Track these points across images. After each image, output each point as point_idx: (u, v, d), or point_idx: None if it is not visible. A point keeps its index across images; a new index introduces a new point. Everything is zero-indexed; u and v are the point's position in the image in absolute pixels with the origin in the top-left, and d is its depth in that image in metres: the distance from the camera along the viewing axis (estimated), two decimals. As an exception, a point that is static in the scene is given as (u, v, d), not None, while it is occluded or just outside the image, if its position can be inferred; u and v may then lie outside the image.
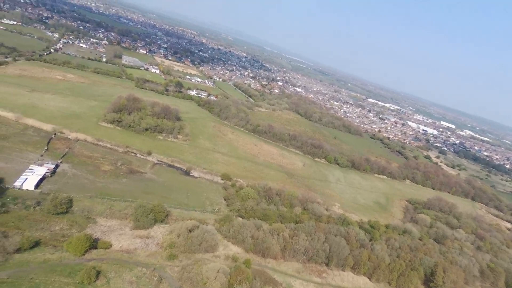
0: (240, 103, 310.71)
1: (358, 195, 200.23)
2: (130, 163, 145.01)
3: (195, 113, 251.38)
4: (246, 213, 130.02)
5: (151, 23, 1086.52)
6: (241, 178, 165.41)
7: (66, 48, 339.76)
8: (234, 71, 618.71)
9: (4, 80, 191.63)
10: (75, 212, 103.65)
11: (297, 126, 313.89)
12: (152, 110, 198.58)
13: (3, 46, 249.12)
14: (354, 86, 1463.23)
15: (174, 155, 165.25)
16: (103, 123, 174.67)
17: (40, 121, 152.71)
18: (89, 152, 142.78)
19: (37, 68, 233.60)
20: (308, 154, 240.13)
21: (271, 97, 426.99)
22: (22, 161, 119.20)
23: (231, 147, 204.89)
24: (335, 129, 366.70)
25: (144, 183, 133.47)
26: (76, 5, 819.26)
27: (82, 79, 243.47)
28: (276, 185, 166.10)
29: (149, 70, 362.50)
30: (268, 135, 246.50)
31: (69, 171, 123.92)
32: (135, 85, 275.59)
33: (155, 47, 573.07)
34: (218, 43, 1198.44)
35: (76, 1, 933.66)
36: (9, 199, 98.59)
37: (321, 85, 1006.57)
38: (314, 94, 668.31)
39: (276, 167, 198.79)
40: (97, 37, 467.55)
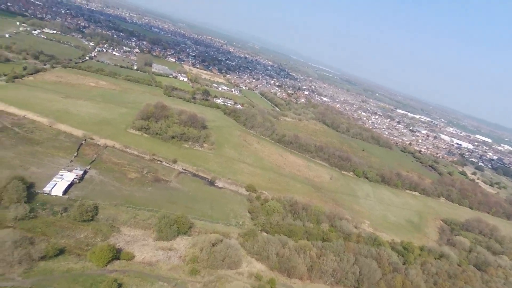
0: (266, 112, 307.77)
1: (388, 212, 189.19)
2: (155, 171, 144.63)
3: (221, 121, 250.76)
4: (271, 228, 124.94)
5: (180, 32, 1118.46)
6: (266, 190, 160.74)
7: (100, 56, 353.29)
8: (260, 79, 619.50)
9: (42, 87, 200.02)
10: (100, 220, 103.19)
11: (324, 137, 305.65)
12: (179, 118, 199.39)
13: (43, 54, 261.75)
14: (382, 96, 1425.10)
15: (199, 164, 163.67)
16: (132, 130, 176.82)
17: (72, 126, 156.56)
18: (116, 158, 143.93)
19: (72, 75, 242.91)
20: (335, 167, 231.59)
21: (297, 106, 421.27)
22: (53, 166, 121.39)
23: (257, 157, 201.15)
24: (363, 141, 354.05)
25: (168, 192, 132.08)
26: (111, 15, 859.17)
27: (113, 86, 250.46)
28: (302, 199, 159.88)
29: (177, 78, 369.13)
30: (294, 145, 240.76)
31: (97, 177, 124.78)
32: (164, 92, 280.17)
33: (184, 56, 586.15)
34: (245, 51, 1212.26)
35: (112, 12, 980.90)
36: (38, 204, 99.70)
37: (347, 94, 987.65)
38: (341, 104, 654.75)
39: (302, 179, 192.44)
40: (130, 46, 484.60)
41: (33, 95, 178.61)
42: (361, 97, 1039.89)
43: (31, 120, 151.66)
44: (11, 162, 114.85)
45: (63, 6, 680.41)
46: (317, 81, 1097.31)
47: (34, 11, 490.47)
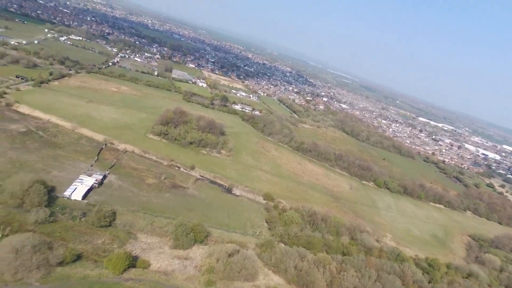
0: (284, 118, 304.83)
1: (411, 226, 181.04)
2: (173, 177, 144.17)
3: (239, 127, 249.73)
4: (289, 240, 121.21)
5: (200, 38, 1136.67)
6: (284, 198, 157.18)
7: (123, 62, 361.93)
8: (278, 85, 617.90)
9: (66, 91, 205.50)
10: (117, 225, 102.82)
11: (343, 145, 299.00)
12: (197, 124, 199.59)
13: (68, 60, 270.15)
14: (403, 103, 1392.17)
15: (216, 171, 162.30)
16: (151, 135, 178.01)
17: (93, 131, 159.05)
18: (135, 164, 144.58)
19: (95, 80, 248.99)
20: (355, 176, 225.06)
21: (315, 113, 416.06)
22: (73, 170, 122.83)
23: (274, 164, 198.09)
24: (384, 149, 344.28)
25: (186, 199, 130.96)
26: (134, 22, 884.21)
27: (134, 92, 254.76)
28: (321, 209, 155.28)
29: (196, 84, 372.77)
30: (312, 153, 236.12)
31: (115, 182, 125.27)
32: (183, 98, 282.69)
33: (203, 62, 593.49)
34: (263, 58, 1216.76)
35: (135, 19, 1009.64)
36: (58, 208, 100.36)
37: (367, 101, 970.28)
38: (361, 111, 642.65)
39: (320, 188, 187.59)
40: (151, 52, 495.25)
41: (57, 100, 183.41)
42: (381, 104, 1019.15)
43: (55, 124, 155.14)
44: (34, 166, 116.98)
45: (89, 14, 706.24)
46: (336, 87, 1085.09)
47: (61, 19, 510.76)
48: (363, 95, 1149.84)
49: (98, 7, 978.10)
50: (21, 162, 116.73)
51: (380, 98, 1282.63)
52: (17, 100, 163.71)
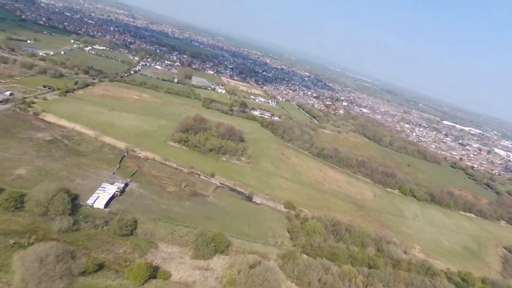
0: (304, 124, 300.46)
1: (441, 236, 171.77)
2: (193, 185, 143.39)
3: (258, 134, 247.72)
4: (312, 251, 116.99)
5: (219, 45, 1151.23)
6: (305, 207, 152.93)
7: (144, 70, 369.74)
8: (297, 90, 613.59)
9: (90, 100, 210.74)
10: (138, 234, 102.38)
11: (365, 151, 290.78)
12: (217, 131, 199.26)
13: (92, 69, 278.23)
14: (426, 106, 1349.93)
15: (236, 178, 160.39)
16: (171, 143, 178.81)
17: (115, 139, 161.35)
18: (156, 171, 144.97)
19: (117, 88, 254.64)
20: (379, 183, 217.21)
21: (335, 118, 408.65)
22: (96, 178, 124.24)
23: (295, 171, 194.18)
24: (408, 155, 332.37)
25: (206, 207, 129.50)
26: (155, 31, 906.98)
27: (155, 99, 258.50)
28: (344, 218, 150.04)
29: (215, 90, 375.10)
30: (334, 160, 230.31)
31: (137, 190, 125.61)
32: (202, 104, 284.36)
33: (222, 68, 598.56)
34: (281, 63, 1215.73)
35: (156, 28, 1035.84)
36: (81, 217, 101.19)
37: (388, 105, 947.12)
38: (382, 115, 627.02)
39: (343, 196, 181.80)
40: (171, 59, 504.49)
41: (82, 108, 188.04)
42: (403, 107, 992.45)
43: (79, 132, 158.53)
44: (58, 174, 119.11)
45: (112, 24, 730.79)
46: (356, 91, 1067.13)
47: (86, 29, 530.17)
48: (384, 99, 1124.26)
49: (120, 17, 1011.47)
50: (46, 170, 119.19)
51: (402, 101, 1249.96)
52: (44, 109, 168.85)
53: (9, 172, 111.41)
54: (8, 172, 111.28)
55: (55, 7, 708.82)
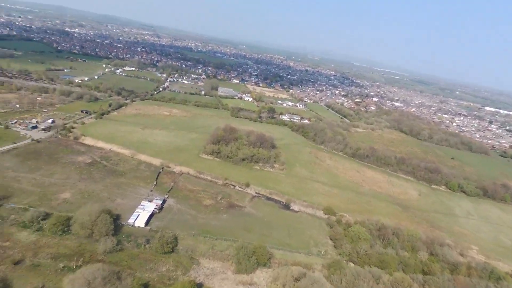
0: (335, 124, 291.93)
1: (500, 234, 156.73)
2: (229, 197, 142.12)
3: (289, 139, 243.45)
4: (359, 258, 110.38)
5: (242, 53, 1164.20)
6: (346, 212, 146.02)
7: (172, 86, 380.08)
8: (324, 91, 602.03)
9: (124, 120, 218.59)
10: (180, 251, 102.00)
11: (403, 147, 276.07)
12: (248, 140, 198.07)
13: (124, 90, 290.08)
14: (464, 94, 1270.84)
15: (271, 187, 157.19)
16: (204, 155, 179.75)
17: (150, 156, 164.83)
18: (191, 185, 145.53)
19: (148, 107, 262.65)
20: (422, 181, 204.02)
21: (367, 115, 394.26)
22: (135, 197, 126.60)
23: (331, 175, 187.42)
24: (451, 147, 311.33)
25: (243, 219, 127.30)
26: (179, 47, 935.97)
27: (184, 113, 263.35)
28: (389, 221, 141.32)
29: (242, 99, 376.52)
30: (371, 159, 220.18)
31: (174, 206, 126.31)
32: (231, 114, 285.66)
33: (247, 76, 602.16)
34: (305, 64, 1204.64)
35: (180, 44, 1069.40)
36: (123, 237, 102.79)
37: (422, 96, 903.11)
38: (417, 108, 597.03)
39: (384, 197, 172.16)
40: (197, 73, 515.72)
41: (117, 129, 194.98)
42: (439, 97, 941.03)
43: (116, 153, 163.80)
44: (100, 195, 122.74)
45: (139, 45, 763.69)
46: (385, 85, 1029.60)
47: (116, 53, 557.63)
48: (416, 90, 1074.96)
49: (146, 37, 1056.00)
50: (89, 192, 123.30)
51: (436, 91, 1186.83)
52: (82, 133, 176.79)
53: (55, 196, 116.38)
54: (54, 196, 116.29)
55: (87, 36, 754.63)
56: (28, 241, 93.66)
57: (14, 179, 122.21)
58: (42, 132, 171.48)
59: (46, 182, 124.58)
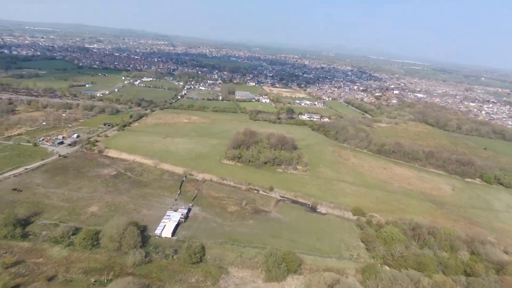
0: (356, 121, 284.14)
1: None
2: (254, 202, 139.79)
3: (311, 138, 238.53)
4: (394, 261, 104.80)
5: (256, 56, 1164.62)
6: (376, 212, 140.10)
7: (189, 93, 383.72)
8: (342, 87, 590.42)
9: (145, 130, 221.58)
10: (208, 261, 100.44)
11: (430, 140, 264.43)
12: (268, 142, 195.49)
13: (144, 101, 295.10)
14: (490, 79, 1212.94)
15: (296, 189, 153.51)
16: (225, 161, 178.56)
17: (173, 165, 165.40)
18: (215, 192, 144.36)
19: (168, 115, 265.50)
20: (455, 174, 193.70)
21: (389, 109, 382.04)
22: (160, 207, 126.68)
23: (357, 173, 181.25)
24: (482, 137, 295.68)
25: (270, 224, 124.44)
26: (194, 54, 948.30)
27: (203, 120, 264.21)
28: (423, 220, 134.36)
29: (260, 101, 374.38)
30: (397, 155, 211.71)
31: (200, 214, 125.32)
32: (249, 117, 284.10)
33: (262, 78, 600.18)
34: (320, 61, 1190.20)
35: (194, 51, 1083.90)
36: (151, 248, 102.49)
37: (445, 85, 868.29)
38: (441, 98, 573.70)
39: (416, 194, 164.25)
40: (213, 78, 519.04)
41: (139, 140, 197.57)
42: (463, 85, 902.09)
43: (139, 163, 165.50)
44: (126, 207, 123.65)
45: (155, 56, 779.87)
46: (405, 77, 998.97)
47: (134, 65, 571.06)
48: (439, 80, 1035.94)
49: (162, 47, 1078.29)
50: (115, 204, 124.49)
51: (460, 79, 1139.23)
52: (106, 146, 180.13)
53: (84, 210, 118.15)
54: (83, 210, 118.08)
55: (105, 50, 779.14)
56: (60, 256, 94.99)
57: (45, 195, 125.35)
58: (68, 147, 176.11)
59: (74, 196, 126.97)
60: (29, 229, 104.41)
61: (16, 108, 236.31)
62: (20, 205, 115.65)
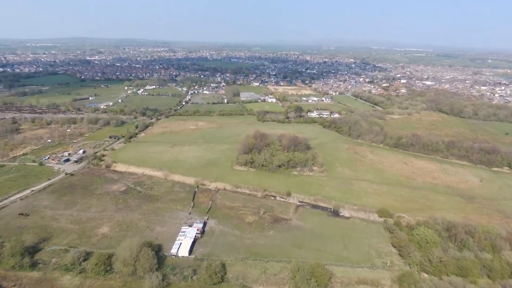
0: (368, 115, 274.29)
1: None
2: (272, 210, 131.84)
3: (323, 136, 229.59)
4: (433, 267, 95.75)
5: (256, 55, 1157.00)
6: (403, 211, 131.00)
7: (194, 98, 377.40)
8: (347, 80, 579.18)
9: (152, 140, 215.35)
10: (230, 280, 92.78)
11: (448, 129, 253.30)
12: (280, 144, 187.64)
13: (148, 110, 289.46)
14: (497, 61, 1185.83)
15: (315, 192, 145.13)
16: (237, 167, 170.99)
17: (183, 175, 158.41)
18: (230, 202, 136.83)
19: (174, 123, 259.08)
20: (480, 164, 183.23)
21: (399, 99, 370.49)
22: (174, 222, 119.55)
23: (376, 170, 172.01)
24: (501, 121, 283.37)
25: (292, 234, 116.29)
26: (195, 58, 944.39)
27: (210, 125, 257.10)
28: (455, 217, 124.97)
29: (266, 101, 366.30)
30: (416, 147, 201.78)
31: (216, 228, 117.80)
32: (257, 119, 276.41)
33: (265, 77, 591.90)
34: (322, 56, 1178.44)
35: (195, 55, 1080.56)
36: (168, 269, 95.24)
37: (452, 70, 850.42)
38: (450, 84, 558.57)
39: (442, 189, 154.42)
40: (216, 81, 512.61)
41: (146, 151, 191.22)
42: (471, 69, 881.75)
43: (149, 176, 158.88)
44: (138, 225, 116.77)
45: (156, 63, 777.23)
46: (410, 65, 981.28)
47: (136, 74, 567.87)
48: (444, 65, 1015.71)
49: (162, 54, 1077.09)
50: (127, 223, 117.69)
51: (466, 62, 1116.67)
52: (113, 160, 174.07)
53: (94, 232, 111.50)
54: (93, 232, 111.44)
55: (106, 61, 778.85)
56: (72, 285, 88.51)
57: (53, 218, 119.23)
58: (74, 164, 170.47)
59: (83, 217, 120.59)
60: (38, 257, 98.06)
61: (20, 127, 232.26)
62: (28, 231, 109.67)
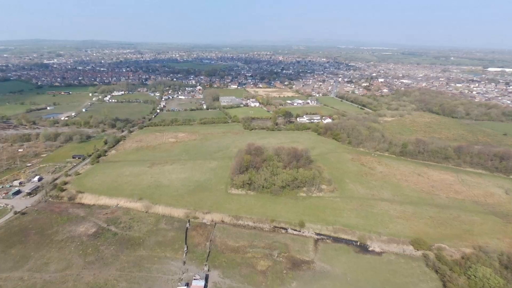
0: (362, 119, 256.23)
1: None
2: (286, 248, 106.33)
3: (321, 146, 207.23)
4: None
5: (228, 56, 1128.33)
6: (440, 240, 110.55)
7: (169, 104, 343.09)
8: (326, 80, 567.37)
9: (126, 159, 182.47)
10: None
11: (446, 131, 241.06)
12: (279, 158, 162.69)
13: (118, 120, 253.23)
14: (459, 58, 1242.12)
15: (332, 220, 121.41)
16: (233, 190, 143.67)
17: (169, 205, 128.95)
18: (233, 240, 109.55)
19: (150, 135, 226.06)
20: (497, 172, 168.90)
21: (385, 99, 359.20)
22: (165, 280, 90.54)
23: (392, 186, 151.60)
24: (493, 121, 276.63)
25: (320, 284, 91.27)
26: (164, 60, 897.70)
27: (193, 136, 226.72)
28: (500, 243, 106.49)
29: (248, 105, 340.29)
30: (424, 155, 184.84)
31: (222, 283, 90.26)
32: (243, 127, 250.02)
33: (242, 78, 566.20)
34: (294, 56, 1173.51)
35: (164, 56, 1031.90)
36: None
37: (422, 68, 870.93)
38: (426, 81, 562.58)
39: (470, 206, 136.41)
40: (191, 85, 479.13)
41: (120, 173, 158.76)
42: (439, 67, 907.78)
43: (126, 209, 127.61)
44: None
45: (123, 65, 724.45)
46: (381, 64, 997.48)
47: (101, 78, 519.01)
48: (412, 63, 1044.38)
49: (129, 56, 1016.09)
50: (100, 286, 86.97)
51: (431, 60, 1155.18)
52: (79, 188, 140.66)
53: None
54: (53, 307, 79.95)
55: (67, 65, 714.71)
56: None
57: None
58: (27, 198, 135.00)
59: (38, 282, 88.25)
60: None
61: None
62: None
